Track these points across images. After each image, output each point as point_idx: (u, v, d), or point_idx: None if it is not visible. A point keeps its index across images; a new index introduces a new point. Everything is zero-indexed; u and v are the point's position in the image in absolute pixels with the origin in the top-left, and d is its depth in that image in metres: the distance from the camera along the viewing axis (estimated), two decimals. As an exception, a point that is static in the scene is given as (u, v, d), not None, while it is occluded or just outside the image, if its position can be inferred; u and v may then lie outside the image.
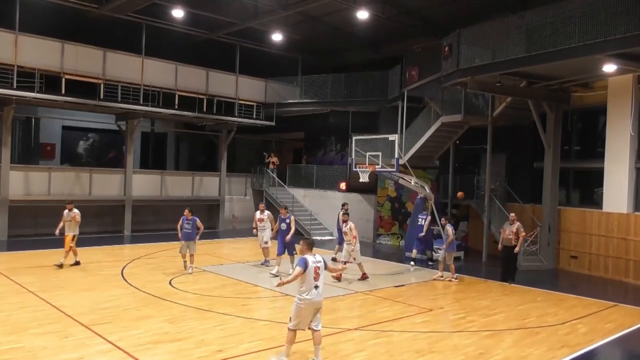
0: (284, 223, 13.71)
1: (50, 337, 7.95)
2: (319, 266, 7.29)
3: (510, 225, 13.86)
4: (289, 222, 13.67)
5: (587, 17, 12.05)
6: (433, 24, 19.73)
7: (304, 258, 7.29)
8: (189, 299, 10.70)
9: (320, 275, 7.29)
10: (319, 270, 7.27)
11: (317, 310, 7.31)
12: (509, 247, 13.76)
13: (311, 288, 7.19)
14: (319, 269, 7.28)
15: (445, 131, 19.25)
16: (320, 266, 7.32)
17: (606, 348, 8.95)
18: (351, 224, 13.51)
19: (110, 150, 25.72)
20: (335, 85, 23.68)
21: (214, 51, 23.09)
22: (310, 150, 27.12)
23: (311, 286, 7.20)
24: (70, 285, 11.46)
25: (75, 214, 13.49)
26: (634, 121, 15.05)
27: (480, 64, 14.50)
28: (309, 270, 7.20)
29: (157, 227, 21.17)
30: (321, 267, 7.32)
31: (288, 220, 13.72)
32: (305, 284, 7.20)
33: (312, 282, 7.20)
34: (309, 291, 7.19)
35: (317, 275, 7.24)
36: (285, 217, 13.80)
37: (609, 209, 15.54)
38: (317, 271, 7.24)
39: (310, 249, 7.46)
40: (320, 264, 7.34)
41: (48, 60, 17.82)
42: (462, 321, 9.95)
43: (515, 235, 13.68)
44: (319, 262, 7.33)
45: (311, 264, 7.23)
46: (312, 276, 7.20)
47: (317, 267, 7.25)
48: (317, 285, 7.23)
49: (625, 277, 15.01)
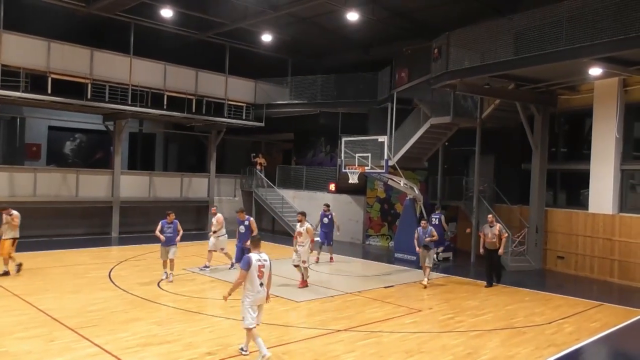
0: (242, 226, 12.97)
1: (36, 341, 7.85)
2: (264, 264, 7.36)
3: (490, 227, 13.47)
4: (248, 225, 12.88)
5: (574, 21, 12.22)
6: (423, 26, 19.79)
7: (248, 257, 7.35)
8: (178, 301, 10.64)
9: (265, 274, 7.36)
10: (263, 269, 7.33)
11: (259, 307, 7.44)
12: (492, 250, 13.45)
13: (256, 286, 7.29)
14: (264, 267, 7.34)
15: (434, 133, 19.34)
16: (266, 265, 7.38)
17: (592, 347, 9.06)
18: (307, 225, 12.58)
19: (98, 150, 25.54)
20: (325, 86, 23.70)
21: (203, 51, 23.01)
22: (299, 152, 27.10)
23: (256, 285, 7.29)
24: (56, 288, 11.33)
25: (14, 215, 12.49)
26: (619, 124, 15.25)
27: (469, 66, 14.62)
28: (253, 269, 7.26)
29: (145, 228, 20.98)
30: (266, 266, 7.38)
31: (247, 222, 12.98)
32: (250, 283, 7.27)
33: (256, 280, 7.28)
34: (254, 289, 7.28)
35: (261, 274, 7.32)
36: (243, 220, 13.06)
37: (595, 210, 15.72)
38: (261, 269, 7.31)
39: (256, 246, 7.55)
40: (266, 262, 7.40)
41: (34, 59, 17.60)
42: (451, 321, 10.00)
43: (499, 238, 13.40)
44: (264, 260, 7.39)
45: (254, 262, 7.29)
46: (256, 275, 7.27)
47: (260, 266, 7.31)
48: (262, 283, 7.33)
49: (610, 277, 15.18)
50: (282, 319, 9.63)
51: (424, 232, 13.59)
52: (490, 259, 13.64)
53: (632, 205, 15.34)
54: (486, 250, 13.60)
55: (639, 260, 14.57)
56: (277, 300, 11.10)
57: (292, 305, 10.72)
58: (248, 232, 12.51)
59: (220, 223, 14.07)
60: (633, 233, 14.76)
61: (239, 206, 20.17)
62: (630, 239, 14.81)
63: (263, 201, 24.10)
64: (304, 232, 12.38)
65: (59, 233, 19.41)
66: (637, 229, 14.69)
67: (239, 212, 13.28)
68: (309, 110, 24.41)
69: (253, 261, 7.28)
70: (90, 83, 18.75)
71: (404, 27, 20.23)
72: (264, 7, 18.93)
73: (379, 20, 19.57)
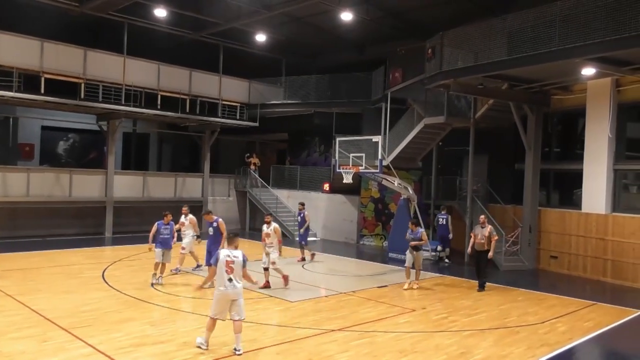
0: (211, 227, 12.08)
1: (29, 341, 7.81)
2: (234, 260, 7.51)
3: (482, 228, 12.95)
4: (217, 226, 11.99)
5: (567, 22, 12.28)
6: (417, 26, 19.83)
7: (217, 253, 7.70)
8: (172, 301, 10.62)
9: (235, 270, 7.51)
10: (232, 265, 7.49)
11: (232, 302, 7.53)
12: (481, 251, 12.89)
13: (224, 281, 7.47)
14: (233, 263, 7.50)
15: (428, 133, 19.39)
16: (236, 261, 7.53)
17: (585, 346, 9.10)
18: (275, 225, 12.24)
19: (91, 150, 25.43)
20: (319, 86, 23.72)
21: (197, 51, 22.96)
22: (294, 151, 27.09)
23: (224, 279, 7.47)
24: (49, 289, 11.28)
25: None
26: (612, 124, 15.33)
27: (462, 66, 14.67)
28: (221, 263, 7.51)
29: (139, 228, 20.92)
30: (236, 262, 7.53)
31: (215, 223, 12.05)
32: (219, 277, 7.53)
33: (224, 275, 7.47)
34: (222, 284, 7.49)
35: (230, 269, 7.48)
36: (212, 221, 12.14)
37: (588, 210, 15.80)
38: (229, 265, 7.48)
39: (230, 243, 7.79)
40: (237, 259, 7.56)
41: (27, 58, 17.52)
42: (445, 321, 10.02)
43: (488, 240, 12.83)
44: (235, 257, 7.56)
45: (222, 257, 7.53)
46: (223, 269, 7.47)
47: (229, 261, 7.49)
48: (231, 278, 7.47)
49: (603, 277, 15.26)
50: (275, 319, 9.63)
51: (413, 234, 13.11)
52: (478, 260, 13.17)
53: (624, 205, 15.42)
54: (475, 252, 13.05)
55: (631, 259, 14.65)
56: (271, 300, 11.10)
57: (286, 305, 10.72)
58: (217, 234, 11.88)
59: (194, 224, 13.74)
60: (626, 233, 14.84)
61: (235, 207, 20.11)
62: (623, 239, 14.88)
63: (257, 201, 24.09)
64: (271, 233, 12.12)
65: (52, 233, 19.33)
66: (630, 228, 14.77)
67: (206, 214, 12.47)
68: (303, 110, 24.41)
69: (221, 256, 7.55)
70: (84, 83, 18.69)
71: (398, 27, 20.27)
72: (258, 7, 18.91)
73: (373, 20, 19.60)
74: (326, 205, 22.66)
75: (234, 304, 7.55)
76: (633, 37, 11.10)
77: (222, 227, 11.95)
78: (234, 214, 24.59)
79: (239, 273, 7.60)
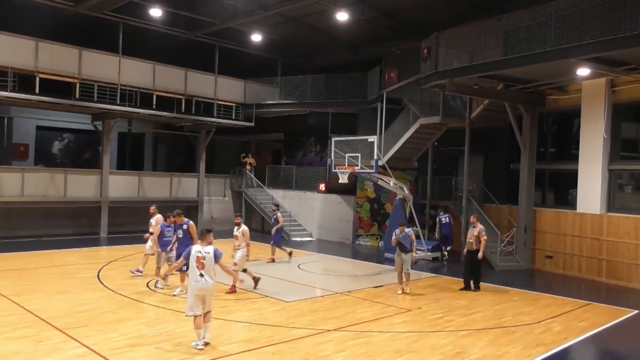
0: (181, 230, 11.30)
1: (24, 341, 7.78)
2: (204, 256, 7.74)
3: (473, 228, 12.86)
4: (187, 229, 11.23)
5: (562, 22, 12.30)
6: (412, 26, 19.85)
7: (190, 247, 8.00)
8: (167, 301, 10.58)
9: (206, 265, 7.73)
10: (203, 260, 7.72)
11: (204, 297, 7.78)
12: (471, 252, 12.76)
13: (195, 276, 7.73)
14: (204, 259, 7.73)
15: (424, 133, 19.42)
16: (207, 257, 7.75)
17: (580, 346, 9.13)
18: (244, 228, 11.94)
19: (86, 150, 25.33)
20: (315, 86, 23.69)
21: (192, 51, 22.92)
22: (289, 151, 27.07)
23: (195, 274, 7.73)
24: (44, 289, 11.23)
25: None
26: (606, 124, 15.36)
27: (458, 66, 14.68)
28: (191, 258, 7.75)
29: (134, 228, 20.84)
30: (207, 258, 7.74)
31: (185, 226, 11.28)
32: (191, 272, 7.79)
33: (195, 270, 7.73)
34: (194, 279, 7.75)
35: (201, 265, 7.72)
36: (182, 223, 11.36)
37: (583, 210, 15.84)
38: (200, 260, 7.72)
39: (202, 239, 7.99)
40: (208, 255, 7.77)
41: (22, 58, 17.43)
42: (440, 321, 10.03)
43: (477, 239, 12.65)
44: (206, 253, 7.78)
45: (193, 252, 7.79)
46: (194, 265, 7.73)
47: (199, 257, 7.73)
48: (202, 274, 7.71)
49: (598, 277, 15.31)
50: (271, 319, 9.61)
51: (403, 236, 12.31)
52: (469, 261, 13.00)
53: (619, 205, 15.48)
54: (467, 252, 13.00)
55: (626, 259, 14.70)
56: (267, 300, 11.09)
57: (282, 305, 10.71)
58: (187, 238, 11.13)
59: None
60: (620, 233, 14.89)
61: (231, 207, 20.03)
62: (618, 239, 14.93)
63: (253, 201, 24.06)
64: (239, 236, 11.88)
65: (47, 233, 19.25)
66: (625, 228, 14.82)
67: (178, 216, 11.50)
68: (299, 110, 24.40)
69: (192, 251, 7.80)
70: (79, 83, 18.60)
71: (393, 27, 20.29)
72: (254, 7, 18.89)
73: (369, 20, 19.61)
74: (322, 205, 22.66)
75: (207, 298, 7.82)
76: (628, 37, 11.13)
77: (192, 230, 11.26)
78: (230, 214, 24.48)
79: (211, 269, 7.80)
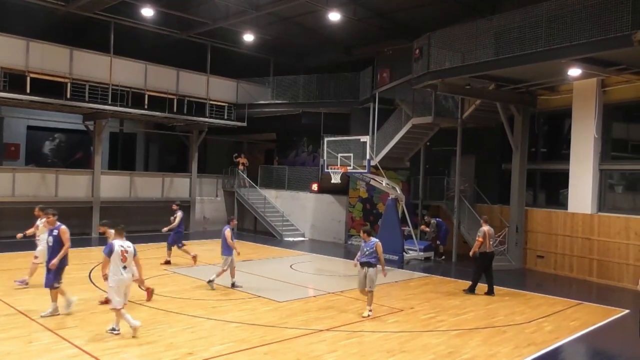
0: (51, 237, 9.31)
1: (15, 342, 7.73)
2: (127, 250, 8.24)
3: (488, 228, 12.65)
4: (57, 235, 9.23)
5: (553, 22, 12.37)
6: (404, 26, 19.90)
7: (110, 244, 8.28)
8: (159, 301, 10.54)
9: (128, 259, 8.24)
10: (126, 254, 8.22)
11: (127, 287, 8.33)
12: (486, 253, 12.57)
13: (119, 269, 8.14)
14: (126, 252, 8.23)
15: (416, 133, 19.47)
16: (129, 250, 8.27)
17: (571, 345, 9.17)
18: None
19: (78, 150, 25.20)
20: (307, 86, 23.69)
21: (184, 51, 22.84)
22: (282, 151, 27.04)
23: (119, 268, 8.13)
24: (34, 289, 11.14)
25: None
26: (597, 124, 15.47)
27: (450, 66, 14.73)
28: (116, 253, 8.12)
29: (126, 229, 20.79)
30: (129, 252, 8.27)
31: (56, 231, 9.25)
32: (113, 266, 8.13)
33: (119, 263, 8.14)
34: (118, 272, 8.12)
35: (124, 258, 8.20)
36: (52, 227, 9.36)
37: (574, 210, 15.94)
38: (124, 254, 8.19)
39: (120, 235, 8.43)
40: (129, 249, 8.29)
41: (12, 58, 17.32)
42: (432, 321, 10.06)
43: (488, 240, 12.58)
44: (128, 247, 8.29)
45: (117, 248, 8.16)
46: (119, 259, 8.13)
47: (123, 251, 8.19)
48: (125, 266, 8.20)
49: (589, 276, 15.40)
50: (264, 319, 9.59)
51: (366, 245, 10.10)
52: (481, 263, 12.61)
53: (610, 205, 15.58)
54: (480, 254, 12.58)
55: (617, 259, 14.80)
56: (259, 300, 11.07)
57: (274, 305, 10.69)
58: (57, 246, 9.17)
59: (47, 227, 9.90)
60: (611, 232, 14.99)
61: (223, 207, 19.91)
62: (608, 239, 15.03)
63: (245, 201, 24.02)
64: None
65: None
66: (616, 228, 14.92)
67: (48, 216, 9.51)
68: (291, 110, 24.39)
69: (116, 247, 8.15)
70: (70, 82, 18.51)
71: (386, 27, 20.33)
72: (246, 7, 18.86)
73: (361, 20, 19.63)
74: (314, 205, 22.66)
75: (128, 288, 8.36)
76: (618, 37, 11.21)
77: (63, 236, 9.21)
78: (222, 214, 24.46)
79: (132, 262, 8.33)
